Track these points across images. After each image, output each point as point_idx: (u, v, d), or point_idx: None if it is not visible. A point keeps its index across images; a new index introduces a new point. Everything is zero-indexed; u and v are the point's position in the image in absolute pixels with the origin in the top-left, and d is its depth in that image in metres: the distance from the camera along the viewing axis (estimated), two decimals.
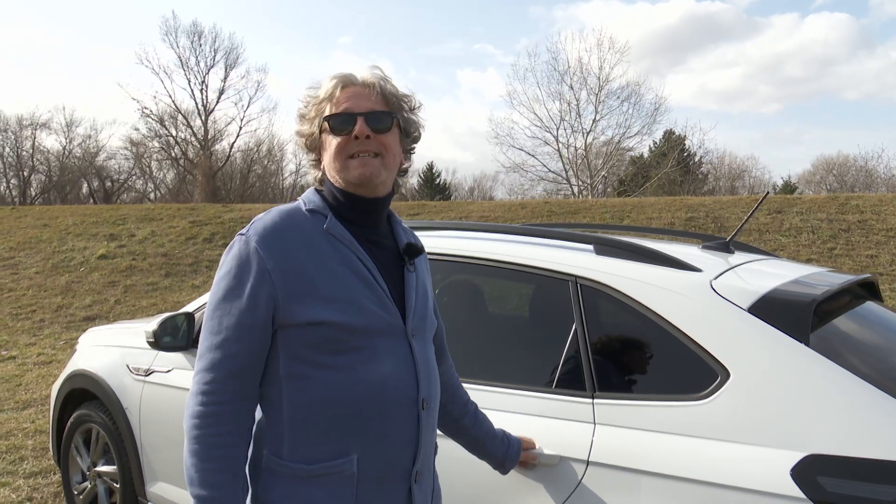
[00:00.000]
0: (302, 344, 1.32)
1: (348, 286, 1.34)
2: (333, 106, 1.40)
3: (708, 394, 1.65)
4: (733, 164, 37.36)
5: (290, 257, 1.33)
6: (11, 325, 8.76)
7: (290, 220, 1.38)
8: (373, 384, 1.34)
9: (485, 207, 12.92)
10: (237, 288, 1.32)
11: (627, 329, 1.91)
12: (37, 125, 36.80)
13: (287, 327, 1.32)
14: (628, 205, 12.00)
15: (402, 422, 1.38)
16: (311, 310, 1.31)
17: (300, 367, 1.32)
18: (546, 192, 29.19)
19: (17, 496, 3.74)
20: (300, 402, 1.32)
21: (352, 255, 1.38)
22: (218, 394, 1.29)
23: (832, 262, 8.94)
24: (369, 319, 1.34)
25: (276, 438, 1.34)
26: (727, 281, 1.87)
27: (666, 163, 28.97)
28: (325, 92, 1.42)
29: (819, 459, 1.47)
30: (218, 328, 1.32)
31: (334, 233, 1.38)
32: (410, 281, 1.47)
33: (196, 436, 1.29)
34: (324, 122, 1.40)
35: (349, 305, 1.33)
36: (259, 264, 1.31)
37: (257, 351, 1.32)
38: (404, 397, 1.38)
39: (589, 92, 28.58)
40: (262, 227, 1.35)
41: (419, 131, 1.51)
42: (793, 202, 11.03)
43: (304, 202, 1.43)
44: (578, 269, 1.97)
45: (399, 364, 1.38)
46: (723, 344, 1.70)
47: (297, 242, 1.35)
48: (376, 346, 1.35)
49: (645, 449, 1.67)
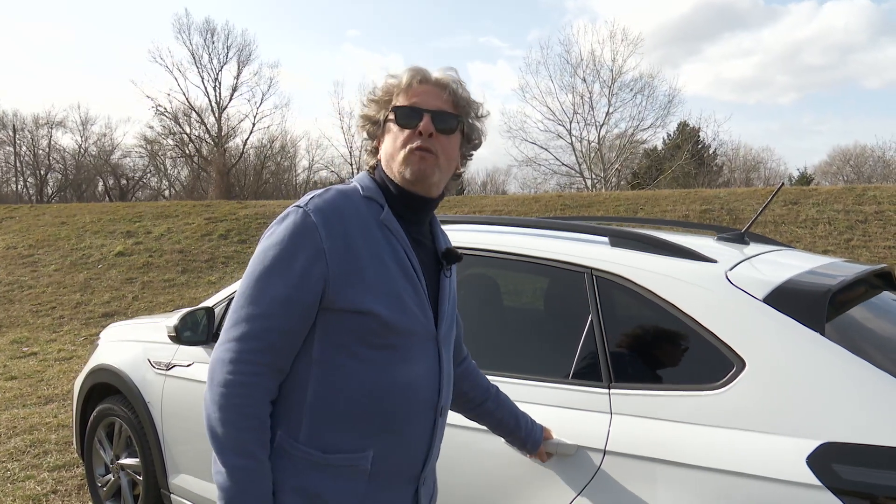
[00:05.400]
0: (342, 331, 1.30)
1: (396, 282, 1.33)
2: (404, 98, 1.39)
3: (724, 383, 1.67)
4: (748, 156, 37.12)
5: (347, 240, 1.30)
6: (32, 322, 8.89)
7: (350, 202, 1.35)
8: (403, 385, 1.33)
9: (498, 201, 12.92)
10: (289, 260, 1.28)
11: (643, 320, 1.93)
12: (53, 124, 37.25)
13: (331, 311, 1.30)
14: (642, 198, 11.95)
15: (421, 425, 1.38)
16: (359, 297, 1.28)
17: (336, 353, 1.30)
18: (559, 186, 29.13)
19: (42, 489, 3.82)
20: (329, 388, 1.31)
21: (402, 252, 1.37)
22: (253, 364, 1.26)
23: (849, 253, 8.87)
24: (410, 319, 1.34)
25: (294, 420, 1.31)
26: (743, 271, 1.87)
27: (680, 155, 28.78)
28: (399, 82, 1.41)
29: (835, 447, 1.48)
30: (260, 298, 1.28)
31: (389, 225, 1.37)
32: (445, 287, 1.47)
33: (229, 405, 1.25)
34: (391, 111, 1.40)
35: (395, 301, 1.32)
36: (315, 240, 1.28)
37: (299, 329, 1.29)
38: (427, 402, 1.38)
39: (602, 84, 28.49)
40: (324, 203, 1.32)
41: (481, 139, 1.51)
42: (809, 193, 10.94)
43: (361, 187, 1.40)
44: (594, 261, 1.99)
45: (428, 368, 1.38)
46: (738, 334, 1.71)
47: (355, 226, 1.32)
48: (411, 348, 1.35)
49: (661, 438, 1.68)
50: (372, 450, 1.32)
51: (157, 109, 35.25)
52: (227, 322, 1.31)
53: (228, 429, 1.24)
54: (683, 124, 31.39)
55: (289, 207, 1.35)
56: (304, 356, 1.32)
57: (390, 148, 1.39)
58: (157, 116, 35.75)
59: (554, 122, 28.70)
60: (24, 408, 5.38)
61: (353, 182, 1.43)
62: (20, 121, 36.80)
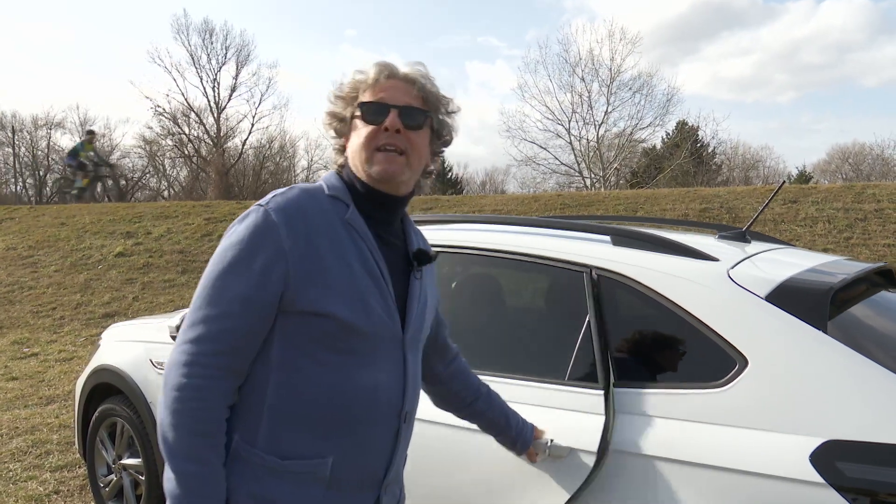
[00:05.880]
0: (302, 333, 1.27)
1: (360, 284, 1.30)
2: (371, 93, 1.36)
3: (726, 381, 1.67)
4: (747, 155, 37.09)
5: (309, 240, 1.27)
6: (32, 323, 8.89)
7: (314, 201, 1.32)
8: (366, 390, 1.30)
9: (498, 201, 12.93)
10: (248, 260, 1.24)
11: (645, 319, 1.93)
12: (52, 125, 37.16)
13: (291, 313, 1.26)
14: (642, 196, 11.96)
15: (384, 432, 1.35)
16: (320, 299, 1.25)
17: (297, 357, 1.27)
18: (558, 185, 29.11)
19: (44, 489, 3.82)
20: (288, 392, 1.27)
21: (367, 253, 1.34)
22: (210, 367, 1.22)
23: (849, 251, 8.88)
24: (374, 323, 1.30)
25: (251, 425, 1.27)
26: (744, 270, 1.88)
27: (679, 154, 28.78)
28: (365, 77, 1.38)
29: (838, 445, 1.49)
30: (218, 299, 1.24)
31: (354, 225, 1.34)
32: (415, 289, 1.43)
33: (183, 409, 1.20)
34: (357, 107, 1.37)
35: (358, 304, 1.28)
36: (276, 240, 1.25)
37: (258, 330, 1.26)
38: (391, 407, 1.35)
39: (601, 83, 28.43)
40: (286, 201, 1.29)
41: (451, 135, 1.47)
42: (808, 192, 10.95)
43: (327, 186, 1.37)
44: (596, 260, 1.99)
45: (392, 374, 1.35)
46: (741, 332, 1.71)
47: (318, 226, 1.29)
48: (375, 352, 1.32)
49: (664, 436, 1.69)
50: (332, 456, 1.29)
51: (155, 110, 35.22)
52: (185, 323, 1.27)
53: (180, 433, 1.20)
54: (682, 123, 31.39)
55: (251, 206, 1.32)
56: (262, 359, 1.28)
57: (357, 145, 1.36)
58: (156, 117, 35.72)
59: (553, 122, 28.68)
60: (25, 408, 5.39)
61: (319, 181, 1.40)
62: (19, 122, 36.74)
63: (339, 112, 1.41)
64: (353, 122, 1.39)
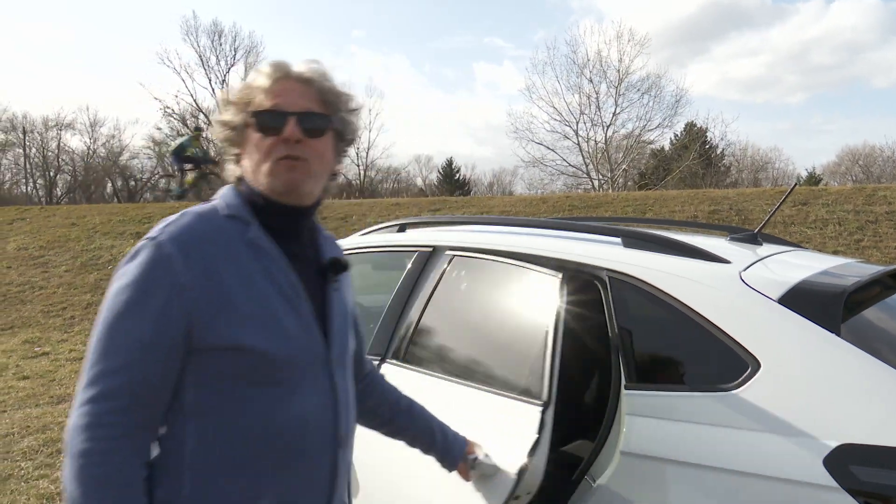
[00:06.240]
0: (217, 372, 1.16)
1: (273, 307, 1.20)
2: (265, 98, 1.25)
3: (738, 384, 1.67)
4: (756, 156, 37.01)
5: (211, 270, 1.16)
6: (43, 322, 8.95)
7: (210, 225, 1.21)
8: (294, 422, 1.21)
9: (506, 202, 12.92)
10: (143, 301, 1.13)
11: (656, 321, 1.93)
12: (62, 126, 37.42)
13: (202, 351, 1.16)
14: (650, 198, 11.93)
15: (320, 462, 1.25)
16: (232, 332, 1.15)
17: (213, 399, 1.17)
18: (566, 187, 29.08)
19: (55, 487, 3.85)
20: (210, 439, 1.16)
21: (277, 272, 1.23)
22: (116, 426, 1.11)
23: (860, 253, 8.83)
24: (294, 348, 1.21)
25: (174, 478, 1.16)
26: (756, 272, 1.87)
27: (687, 155, 28.70)
28: (256, 81, 1.26)
29: (852, 449, 1.48)
30: (115, 349, 1.12)
31: (258, 244, 1.23)
32: (334, 301, 1.33)
33: (91, 478, 1.08)
34: (252, 116, 1.25)
35: (274, 330, 1.19)
36: (172, 274, 1.14)
37: (165, 377, 1.15)
38: (324, 435, 1.25)
39: (609, 85, 28.42)
40: (179, 230, 1.18)
41: (355, 134, 1.37)
42: (818, 194, 10.89)
43: (223, 205, 1.26)
44: (607, 262, 1.99)
45: (321, 399, 1.25)
46: (753, 335, 1.71)
47: (219, 253, 1.18)
48: (300, 380, 1.22)
49: (676, 439, 1.68)
50: (268, 498, 1.19)
51: (165, 111, 35.41)
52: (81, 381, 1.14)
53: None
54: (691, 124, 31.31)
55: (140, 241, 1.20)
56: (176, 406, 1.18)
57: (255, 158, 1.25)
58: (165, 118, 35.93)
59: (560, 123, 28.68)
60: (36, 407, 5.42)
61: (214, 200, 1.28)
62: (29, 123, 37.04)
63: (230, 120, 1.28)
64: (247, 131, 1.27)
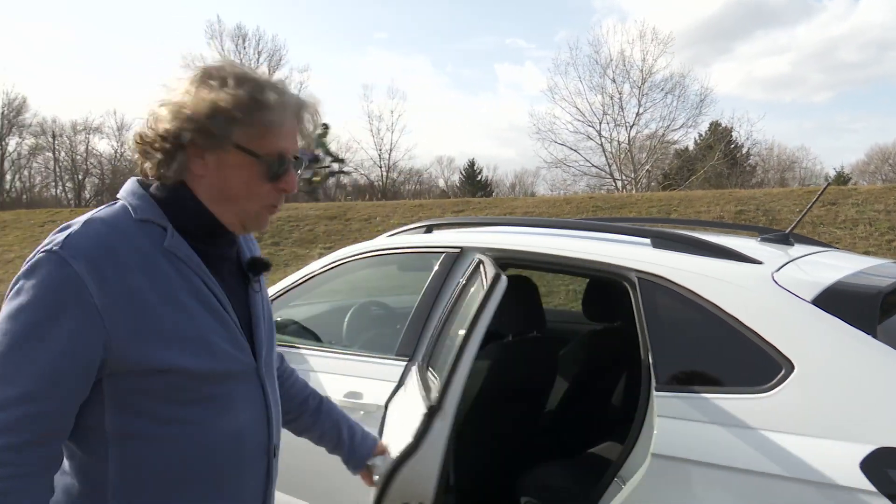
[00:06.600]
0: (140, 395, 1.06)
1: (199, 323, 1.11)
2: (274, 138, 1.12)
3: (772, 386, 1.64)
4: (783, 156, 36.46)
5: (125, 285, 1.03)
6: None
7: (121, 234, 1.07)
8: (228, 438, 1.14)
9: (529, 203, 12.88)
10: (48, 325, 1.00)
11: (687, 322, 1.91)
12: (90, 130, 38.04)
13: (121, 375, 1.05)
14: (675, 199, 11.81)
15: (254, 475, 1.20)
16: (155, 353, 1.05)
17: (138, 423, 1.07)
18: (589, 188, 28.90)
19: None
20: (136, 464, 1.08)
21: (199, 282, 1.13)
22: (18, 465, 0.98)
23: (891, 254, 8.66)
24: (223, 362, 1.13)
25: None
26: (789, 273, 1.85)
27: (712, 155, 28.37)
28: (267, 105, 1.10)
29: (890, 452, 1.45)
30: (16, 377, 0.99)
31: (177, 252, 1.11)
32: (257, 305, 1.25)
33: None
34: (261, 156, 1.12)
35: (201, 346, 1.10)
36: (83, 295, 1.00)
37: (73, 406, 1.04)
38: (258, 447, 1.20)
39: (632, 85, 28.15)
40: (87, 243, 1.03)
41: None
42: (848, 193, 10.70)
43: (133, 208, 1.11)
44: (637, 263, 1.97)
45: (254, 411, 1.19)
46: (786, 336, 1.68)
47: (134, 265, 1.05)
48: (231, 393, 1.15)
49: (708, 441, 1.66)
50: None
51: None
52: None
53: None
54: (715, 124, 30.94)
55: (36, 251, 1.03)
56: (94, 434, 1.07)
57: (239, 191, 1.13)
58: None
59: (583, 124, 28.46)
60: None
61: (116, 203, 1.14)
62: (59, 127, 37.73)
63: (207, 125, 1.08)
64: (230, 152, 1.11)
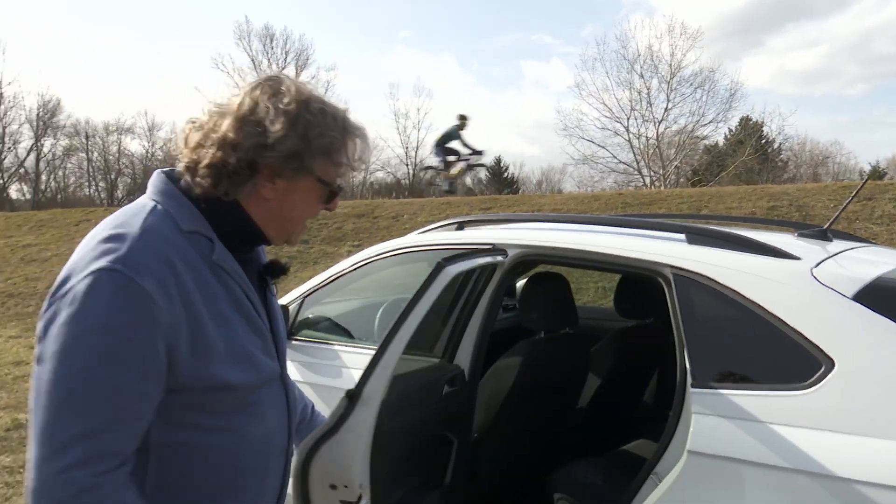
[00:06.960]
0: (180, 406, 1.07)
1: (241, 336, 1.12)
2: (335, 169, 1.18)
3: (812, 383, 1.63)
4: (815, 150, 35.72)
5: (186, 302, 1.03)
6: None
7: (174, 247, 1.05)
8: (258, 443, 1.17)
9: (557, 200, 12.82)
10: (126, 348, 0.97)
11: (724, 319, 1.89)
12: (122, 130, 38.76)
13: (173, 391, 1.05)
14: (706, 195, 11.67)
15: (275, 475, 1.24)
16: (211, 370, 1.06)
17: (181, 433, 1.08)
18: (616, 184, 28.63)
19: None
20: (175, 471, 1.09)
21: (240, 292, 1.14)
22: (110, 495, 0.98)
23: None
24: (263, 373, 1.15)
25: None
26: (828, 269, 1.83)
27: (742, 151, 27.94)
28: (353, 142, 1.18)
29: None
30: (99, 403, 0.96)
31: (224, 265, 1.11)
32: (275, 308, 1.26)
33: None
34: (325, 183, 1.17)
35: (247, 361, 1.12)
36: (154, 313, 0.98)
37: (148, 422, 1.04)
38: (279, 451, 1.24)
39: (660, 80, 27.81)
40: (149, 258, 1.01)
41: None
42: (884, 188, 10.48)
43: (178, 218, 1.09)
44: (672, 259, 1.96)
45: (278, 415, 1.22)
46: (826, 333, 1.67)
47: (188, 280, 1.04)
48: (261, 400, 1.16)
49: (746, 439, 1.65)
50: None
51: None
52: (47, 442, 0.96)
53: None
54: (746, 119, 30.44)
55: (91, 268, 0.99)
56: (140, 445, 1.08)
57: (297, 212, 1.18)
58: None
59: (611, 120, 28.19)
60: None
61: (157, 207, 1.09)
62: (91, 128, 38.49)
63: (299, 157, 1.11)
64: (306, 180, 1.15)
